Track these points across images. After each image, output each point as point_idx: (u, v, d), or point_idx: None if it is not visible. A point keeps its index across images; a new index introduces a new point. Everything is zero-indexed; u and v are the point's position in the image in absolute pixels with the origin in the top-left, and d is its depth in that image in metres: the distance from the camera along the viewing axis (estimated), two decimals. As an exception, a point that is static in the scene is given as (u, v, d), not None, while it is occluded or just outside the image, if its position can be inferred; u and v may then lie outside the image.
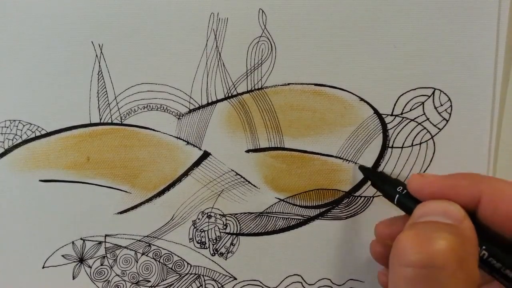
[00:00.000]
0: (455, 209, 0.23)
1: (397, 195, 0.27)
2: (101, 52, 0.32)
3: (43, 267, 0.35)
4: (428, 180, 0.26)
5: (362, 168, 0.32)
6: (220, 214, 0.34)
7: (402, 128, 0.32)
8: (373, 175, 0.32)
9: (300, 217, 0.33)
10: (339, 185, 0.33)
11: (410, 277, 0.21)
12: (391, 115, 0.32)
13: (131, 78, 0.32)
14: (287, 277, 0.34)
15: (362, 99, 0.32)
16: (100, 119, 0.33)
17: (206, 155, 0.33)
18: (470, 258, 0.21)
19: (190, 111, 0.33)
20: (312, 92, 0.32)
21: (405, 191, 0.27)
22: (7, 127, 0.33)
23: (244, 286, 0.34)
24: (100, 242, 0.34)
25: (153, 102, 0.32)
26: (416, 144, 0.32)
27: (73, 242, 0.34)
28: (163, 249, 0.34)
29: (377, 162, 0.32)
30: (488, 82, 0.31)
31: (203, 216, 0.34)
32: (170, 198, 0.34)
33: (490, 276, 0.23)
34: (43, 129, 0.33)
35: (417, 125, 0.32)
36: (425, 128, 0.32)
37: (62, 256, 0.34)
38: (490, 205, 0.24)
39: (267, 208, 0.33)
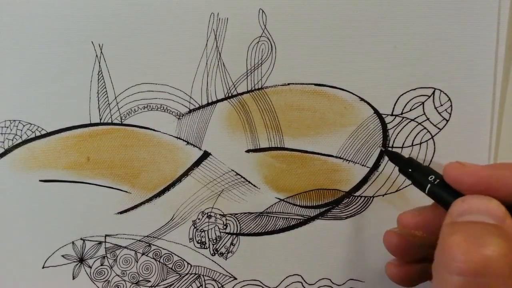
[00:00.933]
0: (496, 206, 0.22)
1: (429, 185, 0.26)
2: (101, 52, 0.32)
3: (43, 267, 0.35)
4: (469, 169, 0.24)
5: (388, 153, 0.31)
6: (220, 214, 0.34)
7: (402, 128, 0.32)
8: (401, 161, 0.30)
9: (300, 217, 0.33)
10: (339, 185, 0.33)
11: (460, 285, 0.20)
12: (391, 115, 0.32)
13: (131, 78, 0.32)
14: (287, 277, 0.34)
15: (362, 99, 0.32)
16: (100, 119, 0.33)
17: (206, 155, 0.33)
18: None
19: (190, 111, 0.33)
20: (312, 92, 0.32)
21: (437, 180, 0.26)
22: (7, 127, 0.33)
23: (244, 286, 0.34)
24: (100, 242, 0.34)
25: (153, 102, 0.32)
26: (416, 144, 0.32)
27: (73, 242, 0.34)
28: (163, 249, 0.34)
29: (377, 162, 0.32)
30: (488, 82, 0.31)
31: (203, 216, 0.34)
32: (170, 198, 0.34)
33: None
34: (43, 129, 0.33)
35: (417, 125, 0.32)
36: (425, 128, 0.32)
37: (62, 256, 0.34)
38: None
39: (267, 208, 0.33)
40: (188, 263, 0.34)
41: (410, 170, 0.28)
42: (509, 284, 0.19)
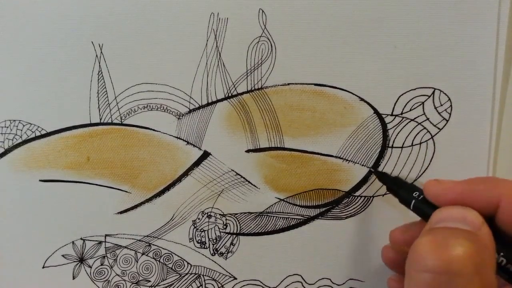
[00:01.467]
0: (473, 215, 0.23)
1: (414, 201, 0.27)
2: (101, 52, 0.32)
3: (43, 267, 0.35)
4: (445, 186, 0.25)
5: (377, 173, 0.32)
6: (220, 214, 0.34)
7: (402, 128, 0.32)
8: (388, 180, 0.31)
9: (300, 217, 0.33)
10: (339, 185, 0.33)
11: (426, 282, 0.21)
12: (391, 115, 0.32)
13: (131, 78, 0.32)
14: (287, 277, 0.34)
15: (362, 99, 0.32)
16: (100, 119, 0.33)
17: (206, 155, 0.33)
18: (487, 265, 0.21)
19: (190, 111, 0.33)
20: (312, 92, 0.32)
21: (422, 196, 0.27)
22: (7, 127, 0.33)
23: (244, 286, 0.34)
24: (100, 242, 0.34)
25: (153, 102, 0.32)
26: (416, 144, 0.32)
27: (73, 242, 0.34)
28: (163, 249, 0.34)
29: (377, 162, 0.32)
30: (488, 82, 0.31)
31: (203, 216, 0.34)
32: (170, 198, 0.34)
33: (508, 282, 0.23)
34: (43, 129, 0.33)
35: (417, 125, 0.32)
36: (425, 128, 0.32)
37: (62, 256, 0.34)
38: (509, 209, 0.23)
39: (267, 208, 0.33)
40: (188, 263, 0.34)
41: (396, 188, 0.29)
42: (474, 282, 0.20)
